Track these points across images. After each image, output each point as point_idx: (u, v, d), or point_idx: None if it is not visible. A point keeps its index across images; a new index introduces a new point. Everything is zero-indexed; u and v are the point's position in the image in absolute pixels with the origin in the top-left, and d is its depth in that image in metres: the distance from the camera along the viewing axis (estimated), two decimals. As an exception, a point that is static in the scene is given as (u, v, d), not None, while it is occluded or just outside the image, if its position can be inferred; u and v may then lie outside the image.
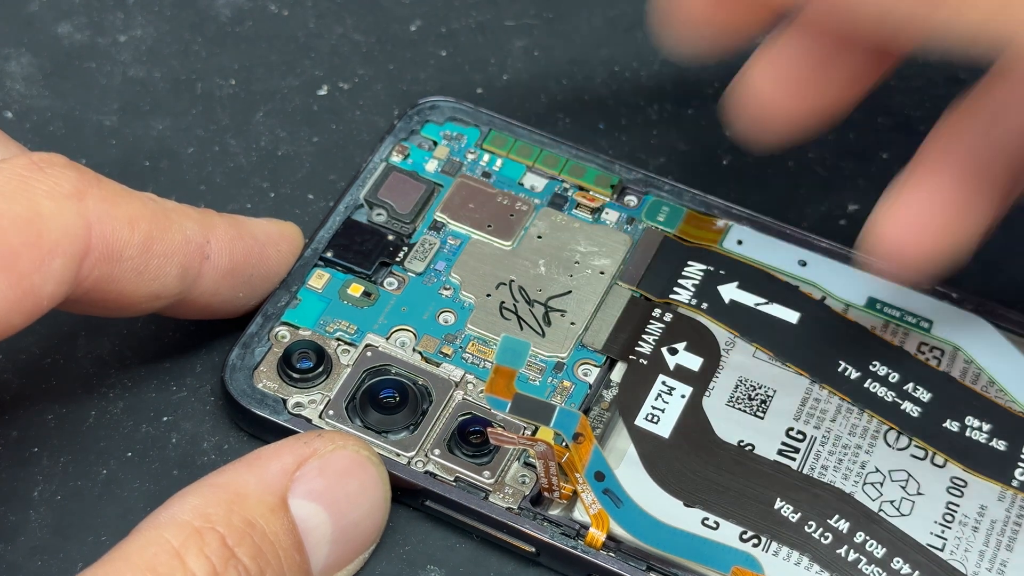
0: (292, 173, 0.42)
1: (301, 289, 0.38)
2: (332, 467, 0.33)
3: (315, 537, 0.32)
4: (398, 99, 0.44)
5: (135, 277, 0.34)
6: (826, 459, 0.35)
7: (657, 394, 0.36)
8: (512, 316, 0.38)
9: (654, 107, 0.44)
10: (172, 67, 0.44)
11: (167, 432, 0.37)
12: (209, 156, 0.43)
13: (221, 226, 0.36)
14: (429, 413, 0.36)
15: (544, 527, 0.34)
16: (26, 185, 0.32)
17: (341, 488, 0.33)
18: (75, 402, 0.37)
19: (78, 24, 0.45)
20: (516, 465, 0.35)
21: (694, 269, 0.39)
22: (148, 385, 0.38)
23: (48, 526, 0.35)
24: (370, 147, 0.42)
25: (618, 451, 0.35)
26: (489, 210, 0.40)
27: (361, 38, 0.45)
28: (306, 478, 0.33)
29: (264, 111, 0.44)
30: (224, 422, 0.37)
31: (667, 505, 0.34)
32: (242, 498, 0.31)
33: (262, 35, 0.45)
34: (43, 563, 0.35)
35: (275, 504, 0.32)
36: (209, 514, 0.31)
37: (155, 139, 0.43)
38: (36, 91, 0.44)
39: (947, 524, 0.35)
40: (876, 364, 0.37)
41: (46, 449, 0.37)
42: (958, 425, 0.36)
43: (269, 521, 0.31)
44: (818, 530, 0.34)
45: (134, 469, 0.36)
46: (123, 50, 0.45)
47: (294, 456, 0.33)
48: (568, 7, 0.46)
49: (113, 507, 0.36)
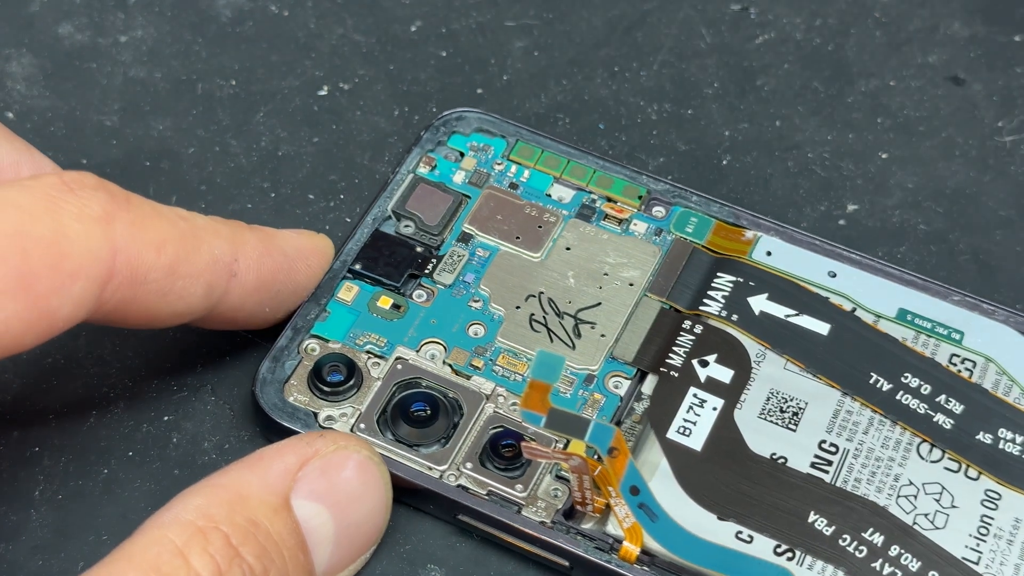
0: (292, 173, 0.42)
1: (330, 302, 0.38)
2: (334, 467, 0.33)
3: (318, 537, 0.32)
4: (398, 99, 0.44)
5: (158, 298, 0.34)
6: (859, 472, 0.35)
7: (689, 407, 0.36)
8: (542, 328, 0.38)
9: (654, 107, 0.44)
10: (173, 67, 0.44)
11: (168, 432, 0.37)
12: (210, 156, 0.43)
13: (251, 242, 0.36)
14: (460, 426, 0.36)
15: (578, 541, 0.34)
16: (54, 205, 0.32)
17: (344, 488, 0.33)
18: (76, 402, 0.37)
19: (79, 24, 0.45)
20: (548, 478, 0.35)
21: (723, 280, 0.39)
22: (148, 385, 0.38)
23: (49, 525, 0.35)
24: (371, 147, 0.42)
25: (650, 464, 0.35)
26: (517, 221, 0.40)
27: (361, 38, 0.45)
28: (309, 478, 0.32)
29: (264, 111, 0.44)
30: (224, 422, 0.37)
31: (701, 518, 0.34)
32: (245, 498, 0.31)
33: (263, 35, 0.45)
34: (44, 562, 0.35)
35: (278, 504, 0.32)
36: (212, 514, 0.31)
37: (156, 139, 0.43)
38: (37, 91, 0.44)
39: (982, 537, 0.34)
40: (908, 376, 0.37)
41: (47, 449, 0.37)
42: (991, 437, 0.36)
43: (273, 521, 0.31)
44: (852, 543, 0.34)
45: (135, 469, 0.36)
46: (124, 50, 0.45)
47: (296, 456, 0.33)
48: (568, 7, 0.46)
49: (114, 507, 0.36)
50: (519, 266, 0.39)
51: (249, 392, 0.37)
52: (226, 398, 0.38)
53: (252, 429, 0.37)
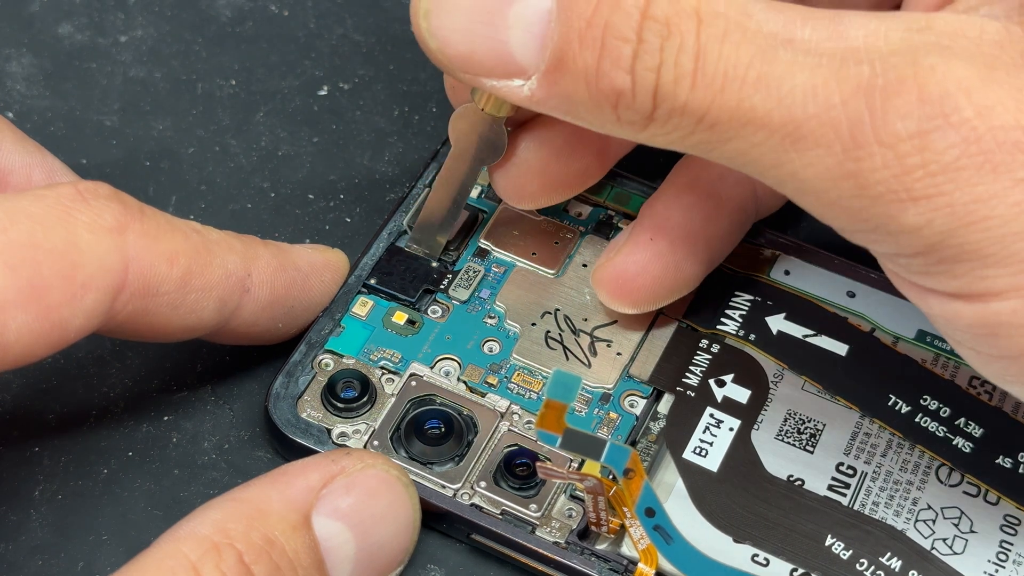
0: (292, 173, 0.42)
1: (345, 317, 0.37)
2: (360, 486, 0.33)
3: (338, 557, 0.32)
4: (398, 99, 0.44)
5: (170, 311, 0.33)
6: (877, 495, 0.35)
7: (705, 427, 0.36)
8: (558, 346, 0.37)
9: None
10: (173, 67, 0.44)
11: (168, 431, 0.37)
12: (209, 156, 0.42)
13: (264, 257, 0.35)
14: (475, 444, 0.36)
15: (592, 562, 0.34)
16: (67, 216, 0.31)
17: (368, 507, 0.33)
18: (76, 402, 0.37)
19: (79, 24, 0.45)
20: (563, 498, 0.35)
21: (741, 299, 0.38)
22: (149, 384, 0.38)
23: (49, 525, 0.35)
24: (371, 147, 0.42)
25: (666, 485, 0.35)
26: (533, 237, 0.39)
27: (361, 38, 0.45)
28: (332, 496, 0.32)
29: (264, 111, 0.43)
30: (224, 422, 0.37)
31: (716, 541, 0.34)
32: (264, 514, 0.31)
33: (262, 35, 0.45)
34: (44, 562, 0.35)
35: (298, 521, 0.31)
36: (229, 529, 0.31)
37: (156, 139, 0.43)
38: (37, 91, 0.44)
39: (1001, 563, 0.34)
40: (927, 398, 0.36)
41: (47, 448, 0.37)
42: (1011, 461, 0.36)
43: (290, 538, 0.31)
44: (870, 568, 0.34)
45: (135, 468, 0.36)
46: (124, 50, 0.45)
47: (320, 473, 0.32)
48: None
49: (114, 506, 0.36)
50: (535, 282, 0.39)
51: (259, 404, 0.37)
52: (226, 398, 0.38)
53: (251, 429, 0.37)
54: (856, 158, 0.29)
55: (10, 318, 0.30)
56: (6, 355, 0.30)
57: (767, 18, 0.30)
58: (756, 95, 0.29)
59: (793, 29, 0.29)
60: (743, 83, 0.29)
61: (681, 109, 0.30)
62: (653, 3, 0.29)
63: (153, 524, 0.35)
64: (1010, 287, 0.29)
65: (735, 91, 0.29)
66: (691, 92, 0.29)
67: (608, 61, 0.30)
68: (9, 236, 0.30)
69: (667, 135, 0.30)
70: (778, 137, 0.29)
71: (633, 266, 0.36)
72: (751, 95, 0.29)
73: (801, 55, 0.29)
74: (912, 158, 0.28)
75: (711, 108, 0.29)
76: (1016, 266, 0.29)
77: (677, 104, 0.30)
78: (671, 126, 0.30)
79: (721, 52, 0.29)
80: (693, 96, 0.29)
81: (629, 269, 0.36)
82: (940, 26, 0.30)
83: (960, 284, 0.30)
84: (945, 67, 0.29)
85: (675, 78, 0.29)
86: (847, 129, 0.29)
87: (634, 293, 0.36)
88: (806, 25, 0.30)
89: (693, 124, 0.30)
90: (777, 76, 0.29)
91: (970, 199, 0.28)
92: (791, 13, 0.30)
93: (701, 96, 0.29)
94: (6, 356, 0.30)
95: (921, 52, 0.29)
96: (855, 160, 0.29)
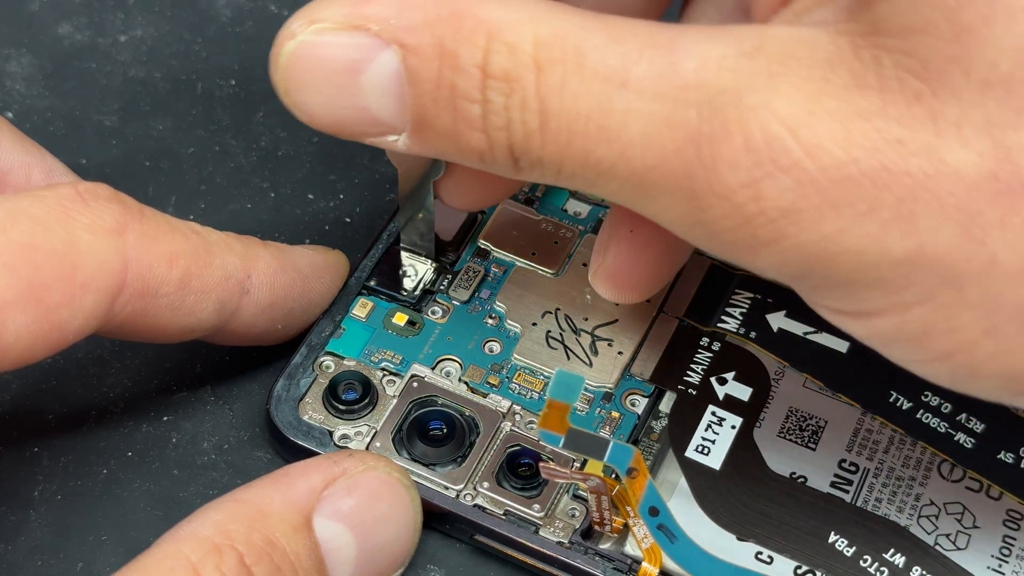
0: (292, 173, 0.42)
1: (345, 318, 0.37)
2: (361, 488, 0.33)
3: (339, 558, 0.32)
4: None
5: (170, 313, 0.33)
6: (880, 491, 0.35)
7: (707, 425, 0.36)
8: (559, 345, 0.37)
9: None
10: (172, 67, 0.44)
11: (167, 432, 0.37)
12: (209, 156, 0.42)
13: (264, 258, 0.35)
14: (477, 445, 0.35)
15: (596, 562, 0.34)
16: (67, 216, 0.31)
17: (369, 509, 0.33)
18: (75, 402, 0.37)
19: (78, 24, 0.45)
20: (566, 498, 0.35)
21: (742, 297, 0.38)
22: (148, 385, 0.38)
23: (48, 526, 0.35)
24: (371, 147, 0.42)
25: (669, 483, 0.35)
26: (533, 237, 0.39)
27: None
28: (333, 497, 0.32)
29: (264, 111, 0.43)
30: (224, 422, 0.37)
31: (719, 539, 0.34)
32: (265, 515, 0.31)
33: (262, 35, 0.45)
34: (43, 563, 0.35)
35: (299, 523, 0.31)
36: (230, 530, 0.30)
37: (155, 139, 0.43)
38: (36, 91, 0.43)
39: (1004, 558, 0.34)
40: (928, 394, 0.36)
41: (46, 449, 0.36)
42: (1013, 456, 0.36)
43: (291, 540, 0.31)
44: (874, 564, 0.34)
45: (134, 469, 0.36)
46: (123, 50, 0.45)
47: (322, 475, 0.32)
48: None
49: (113, 507, 0.36)
50: (535, 282, 0.39)
51: (259, 404, 0.37)
52: (225, 398, 0.38)
53: (251, 430, 0.37)
54: (700, 208, 0.28)
55: (9, 319, 0.30)
56: (5, 356, 0.30)
57: (604, 55, 0.29)
58: (599, 148, 0.29)
59: (629, 66, 0.28)
60: (586, 137, 0.29)
61: (539, 162, 0.29)
62: (491, 60, 0.29)
63: (153, 524, 0.35)
64: (887, 306, 0.29)
65: (580, 145, 0.29)
66: (543, 148, 0.29)
67: (462, 123, 0.29)
68: (9, 237, 0.30)
69: (543, 179, 0.30)
70: (629, 187, 0.29)
71: (625, 263, 0.35)
72: (595, 148, 0.29)
73: (636, 100, 0.28)
74: (749, 207, 0.28)
75: (564, 161, 0.29)
76: (884, 288, 0.28)
77: (534, 158, 0.29)
78: (538, 174, 0.30)
79: (562, 105, 0.29)
80: (545, 152, 0.29)
81: (623, 267, 0.35)
82: (771, 47, 0.28)
83: (842, 304, 0.29)
84: (770, 106, 0.28)
85: (524, 136, 0.29)
86: (685, 180, 0.28)
87: (635, 284, 0.36)
88: (641, 59, 0.28)
89: (555, 175, 0.30)
90: (615, 128, 0.28)
91: (818, 238, 0.28)
92: (629, 45, 0.29)
93: (552, 151, 0.29)
94: (5, 357, 0.30)
95: (746, 88, 0.28)
96: (700, 210, 0.28)
